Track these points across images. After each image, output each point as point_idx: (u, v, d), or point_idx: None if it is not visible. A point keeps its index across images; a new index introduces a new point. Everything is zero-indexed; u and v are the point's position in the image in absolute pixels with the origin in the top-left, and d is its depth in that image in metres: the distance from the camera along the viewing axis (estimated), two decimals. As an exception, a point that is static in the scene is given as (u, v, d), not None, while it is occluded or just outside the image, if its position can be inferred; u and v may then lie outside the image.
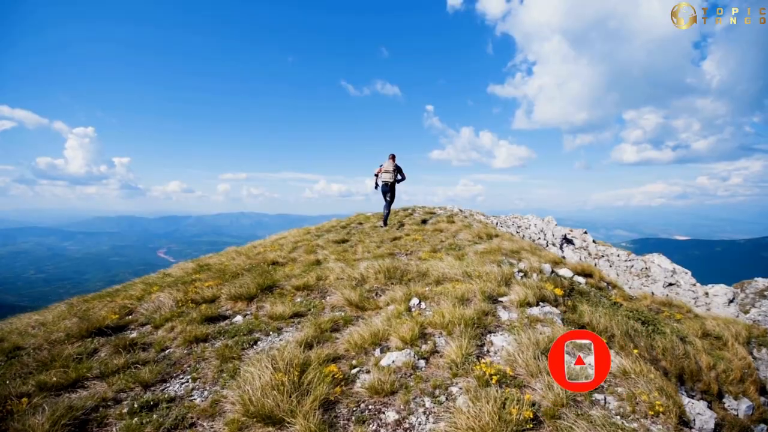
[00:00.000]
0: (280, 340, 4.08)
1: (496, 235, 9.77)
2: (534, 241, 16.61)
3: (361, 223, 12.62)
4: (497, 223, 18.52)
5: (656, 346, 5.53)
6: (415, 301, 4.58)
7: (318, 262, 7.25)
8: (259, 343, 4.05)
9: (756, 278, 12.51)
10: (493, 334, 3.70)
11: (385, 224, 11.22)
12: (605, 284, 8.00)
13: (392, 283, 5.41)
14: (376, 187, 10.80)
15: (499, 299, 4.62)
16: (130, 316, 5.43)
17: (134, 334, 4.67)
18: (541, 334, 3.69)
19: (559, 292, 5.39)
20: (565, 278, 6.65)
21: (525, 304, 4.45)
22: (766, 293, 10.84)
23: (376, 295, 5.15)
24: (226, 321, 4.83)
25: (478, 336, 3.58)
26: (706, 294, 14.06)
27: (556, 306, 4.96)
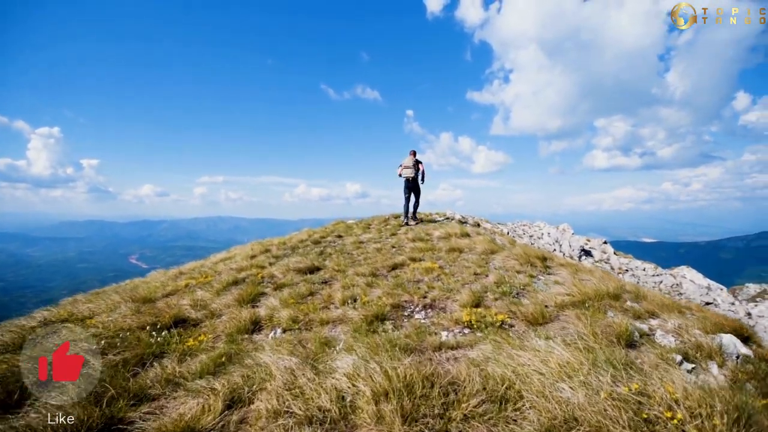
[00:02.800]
0: None
1: (545, 258, 6.46)
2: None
3: (340, 236, 9.08)
4: (507, 232, 15.38)
5: None
6: None
7: (256, 326, 3.71)
8: None
9: (747, 284, 12.39)
10: None
11: (408, 222, 10.31)
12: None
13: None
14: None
15: None
16: None
17: None
18: None
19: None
20: (747, 359, 3.40)
21: None
22: (758, 299, 10.61)
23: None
24: None
25: None
26: (749, 315, 11.51)
27: None
